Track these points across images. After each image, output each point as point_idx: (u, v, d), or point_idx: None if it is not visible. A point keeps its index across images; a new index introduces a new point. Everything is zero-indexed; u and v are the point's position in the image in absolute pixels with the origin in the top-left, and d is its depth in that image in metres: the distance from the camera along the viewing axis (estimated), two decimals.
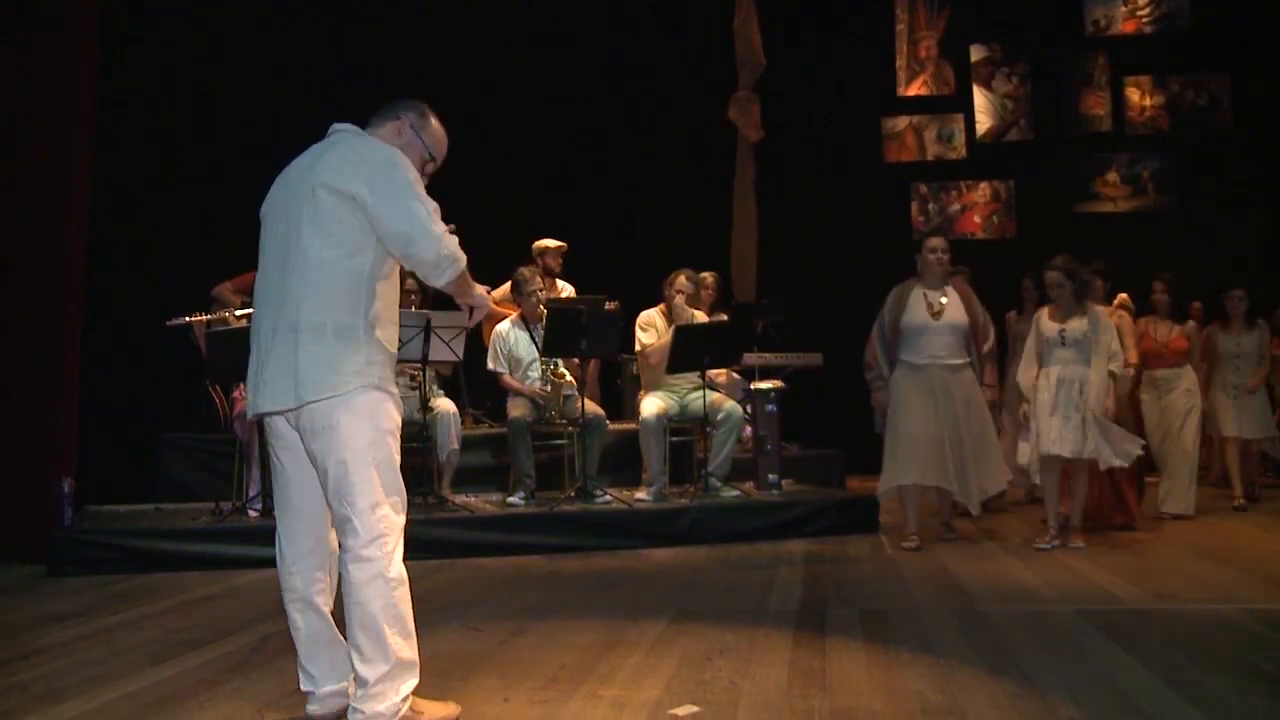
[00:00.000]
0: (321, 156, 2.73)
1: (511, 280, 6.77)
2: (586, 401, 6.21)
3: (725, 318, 7.20)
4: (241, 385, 5.94)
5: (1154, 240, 9.49)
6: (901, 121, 10.50)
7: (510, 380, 6.51)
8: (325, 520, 2.79)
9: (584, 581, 4.94)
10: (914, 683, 3.13)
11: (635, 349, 6.63)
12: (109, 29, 6.30)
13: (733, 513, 6.16)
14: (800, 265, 9.85)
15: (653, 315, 6.60)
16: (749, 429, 6.82)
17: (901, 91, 10.49)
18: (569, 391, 6.39)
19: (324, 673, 2.84)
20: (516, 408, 6.37)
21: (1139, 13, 10.22)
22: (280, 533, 2.83)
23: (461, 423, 6.47)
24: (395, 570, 2.66)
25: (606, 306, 6.73)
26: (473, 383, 7.40)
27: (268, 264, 2.77)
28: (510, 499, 6.30)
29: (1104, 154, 10.26)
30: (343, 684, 2.83)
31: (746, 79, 9.16)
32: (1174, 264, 7.31)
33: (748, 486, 6.61)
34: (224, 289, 6.28)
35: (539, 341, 6.28)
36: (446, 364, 6.34)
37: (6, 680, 3.33)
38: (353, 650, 2.65)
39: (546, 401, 6.41)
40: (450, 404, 6.34)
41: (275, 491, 2.88)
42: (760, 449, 6.71)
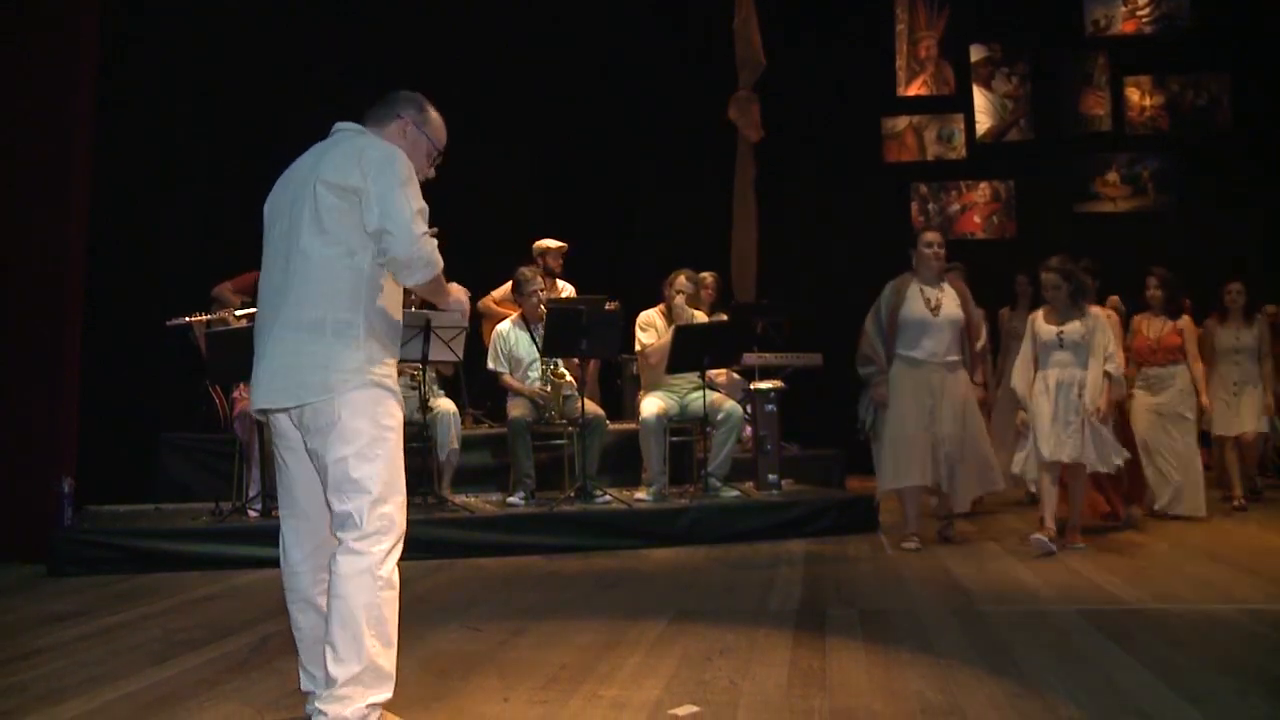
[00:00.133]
0: (324, 155, 2.72)
1: (512, 280, 6.78)
2: (586, 401, 6.21)
3: (725, 318, 7.20)
4: (241, 385, 5.95)
5: (1154, 240, 9.47)
6: (901, 121, 10.49)
7: (510, 380, 6.51)
8: (328, 521, 2.77)
9: (584, 581, 4.94)
10: (914, 683, 3.12)
11: (635, 349, 6.63)
12: (109, 29, 6.31)
13: (733, 513, 6.16)
14: (800, 265, 9.85)
15: (652, 315, 6.60)
16: (749, 429, 6.82)
17: (901, 91, 10.48)
18: (569, 391, 6.39)
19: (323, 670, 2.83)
20: (516, 408, 6.38)
21: (1139, 13, 10.22)
22: (284, 533, 2.81)
23: (461, 423, 6.48)
24: (386, 571, 2.60)
25: (606, 307, 6.72)
26: (473, 383, 7.40)
27: (270, 263, 2.76)
28: (510, 499, 6.30)
29: (1104, 154, 10.26)
30: None
31: (746, 79, 9.16)
32: (1174, 264, 7.25)
33: (747, 486, 6.61)
34: (224, 289, 6.29)
35: (539, 341, 6.29)
36: (447, 364, 6.35)
37: (6, 680, 3.32)
38: (326, 647, 2.56)
39: (546, 401, 6.41)
40: (450, 404, 6.34)
41: (279, 492, 2.87)
42: (760, 449, 6.71)
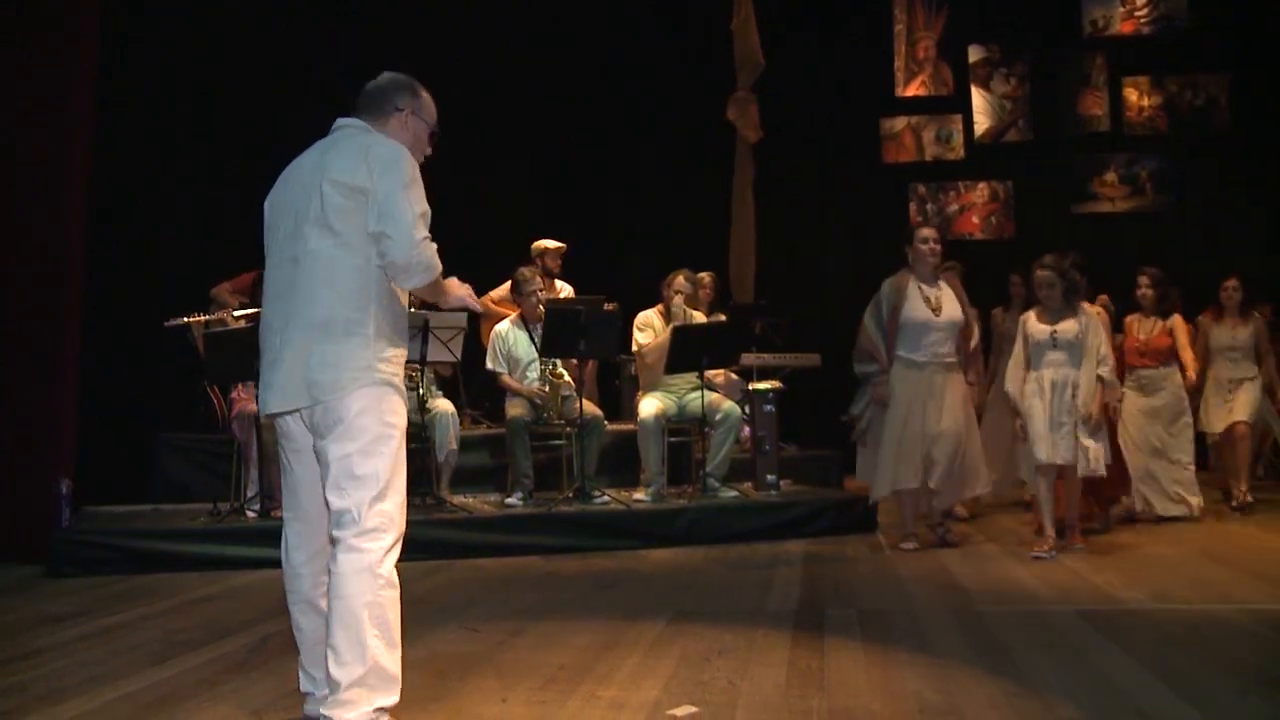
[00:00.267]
0: (328, 152, 2.70)
1: (511, 280, 6.78)
2: (585, 402, 6.21)
3: (723, 318, 7.20)
4: (239, 386, 5.95)
5: (1152, 240, 9.48)
6: (900, 122, 10.49)
7: (509, 380, 6.51)
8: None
9: (582, 582, 4.94)
10: (912, 683, 3.13)
11: (633, 349, 6.64)
12: (109, 29, 6.31)
13: (731, 513, 6.16)
14: (799, 265, 9.84)
15: (650, 316, 6.60)
16: (747, 429, 6.82)
17: (900, 92, 10.47)
18: (567, 392, 6.38)
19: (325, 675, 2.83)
20: (515, 408, 6.38)
21: (1137, 13, 10.21)
22: (287, 534, 2.81)
23: (460, 423, 6.48)
24: (386, 569, 2.59)
25: (605, 307, 6.73)
26: (471, 383, 7.40)
27: (275, 262, 2.75)
28: (508, 499, 6.30)
29: (1102, 154, 10.25)
30: None
31: (745, 79, 9.15)
32: (1172, 264, 7.24)
33: (746, 487, 6.61)
34: (222, 290, 6.29)
35: (538, 342, 6.29)
36: (445, 364, 6.35)
37: (6, 680, 3.32)
38: (328, 650, 2.53)
39: (545, 402, 6.41)
40: (448, 404, 6.34)
41: (284, 493, 2.87)
42: (758, 449, 6.71)
